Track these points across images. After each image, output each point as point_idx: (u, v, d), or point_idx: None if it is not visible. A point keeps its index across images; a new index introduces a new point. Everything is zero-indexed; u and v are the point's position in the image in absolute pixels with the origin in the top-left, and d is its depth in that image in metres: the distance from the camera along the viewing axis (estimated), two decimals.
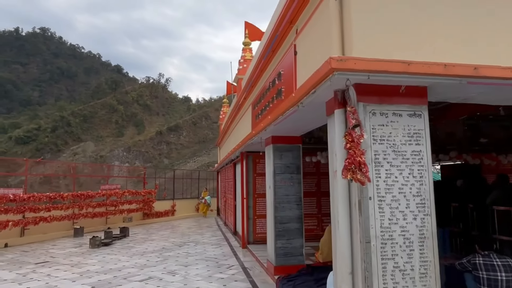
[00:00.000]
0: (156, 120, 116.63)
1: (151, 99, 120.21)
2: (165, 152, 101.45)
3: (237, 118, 12.41)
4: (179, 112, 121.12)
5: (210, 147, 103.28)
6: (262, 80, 7.98)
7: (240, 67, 12.24)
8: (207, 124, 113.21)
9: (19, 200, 11.39)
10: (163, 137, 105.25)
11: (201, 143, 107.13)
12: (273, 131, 6.69)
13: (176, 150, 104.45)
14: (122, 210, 15.53)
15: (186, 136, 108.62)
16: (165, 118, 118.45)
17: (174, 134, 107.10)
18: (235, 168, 12.62)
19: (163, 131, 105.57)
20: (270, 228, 7.10)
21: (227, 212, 14.42)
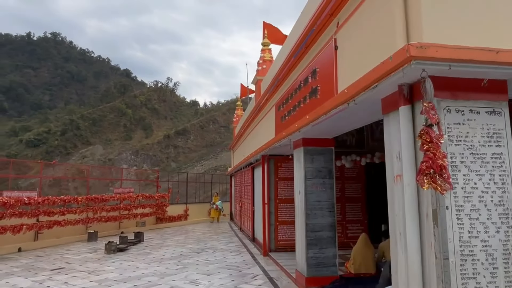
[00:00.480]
0: (164, 124, 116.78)
1: (159, 103, 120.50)
2: (172, 156, 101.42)
3: (256, 120, 11.98)
4: (187, 116, 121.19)
5: (217, 151, 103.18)
6: (289, 79, 7.55)
7: (259, 68, 11.82)
8: (214, 128, 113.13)
9: (33, 203, 11.04)
10: (171, 141, 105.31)
11: (208, 147, 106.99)
12: (304, 133, 6.24)
13: (183, 153, 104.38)
14: (136, 214, 15.14)
15: (194, 140, 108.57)
16: (173, 122, 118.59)
17: (181, 138, 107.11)
18: (253, 172, 12.17)
19: (170, 134, 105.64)
20: (301, 237, 6.63)
21: (244, 218, 13.96)
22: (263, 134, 10.42)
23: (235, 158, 19.34)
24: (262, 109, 10.76)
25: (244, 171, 13.97)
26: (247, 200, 12.98)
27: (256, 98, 12.11)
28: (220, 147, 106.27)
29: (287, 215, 9.74)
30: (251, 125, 13.07)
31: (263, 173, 9.91)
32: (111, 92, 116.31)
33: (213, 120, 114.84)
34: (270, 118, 9.50)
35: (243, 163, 13.63)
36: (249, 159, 11.79)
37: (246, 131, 14.50)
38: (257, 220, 11.51)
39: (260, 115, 11.24)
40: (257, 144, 11.07)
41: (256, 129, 11.93)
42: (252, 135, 12.67)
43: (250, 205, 12.34)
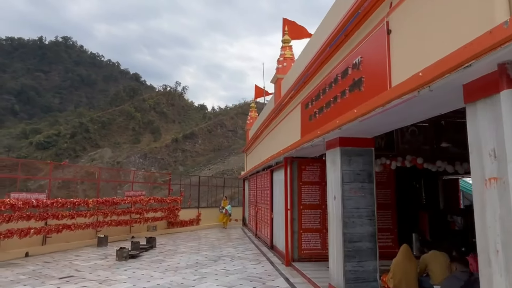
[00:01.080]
0: (172, 128, 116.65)
1: (167, 107, 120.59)
2: (180, 160, 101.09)
3: (275, 121, 11.32)
4: (195, 120, 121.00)
5: (225, 155, 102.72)
6: (321, 74, 6.88)
7: (279, 66, 11.18)
8: (222, 132, 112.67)
9: (42, 206, 10.45)
10: (179, 145, 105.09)
11: (216, 151, 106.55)
12: (342, 131, 5.56)
13: (191, 157, 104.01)
14: (147, 219, 14.50)
15: (202, 144, 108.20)
16: (181, 125, 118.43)
17: (189, 142, 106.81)
18: (272, 176, 11.48)
19: (178, 138, 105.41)
20: (336, 247, 5.91)
21: (260, 224, 13.24)
22: (285, 135, 9.74)
23: (249, 162, 18.65)
24: (283, 109, 10.10)
25: (261, 175, 13.28)
26: (265, 205, 12.28)
27: (275, 98, 11.46)
28: (227, 151, 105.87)
29: (311, 222, 9.02)
30: (269, 126, 12.40)
31: (286, 177, 9.21)
32: (120, 95, 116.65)
33: (221, 124, 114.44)
34: (294, 118, 8.83)
35: (260, 166, 12.95)
36: (268, 162, 11.11)
37: (262, 133, 13.84)
38: (276, 226, 10.80)
39: (280, 116, 10.57)
40: (278, 146, 10.39)
41: (275, 130, 11.26)
42: (271, 136, 12.00)
43: (268, 211, 11.63)
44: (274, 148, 11.02)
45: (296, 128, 8.42)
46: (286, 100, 9.48)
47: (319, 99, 6.73)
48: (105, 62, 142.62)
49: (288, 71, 10.95)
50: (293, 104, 9.01)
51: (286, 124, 9.70)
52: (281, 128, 10.39)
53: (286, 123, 9.79)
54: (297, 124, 8.39)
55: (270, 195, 11.38)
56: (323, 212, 9.09)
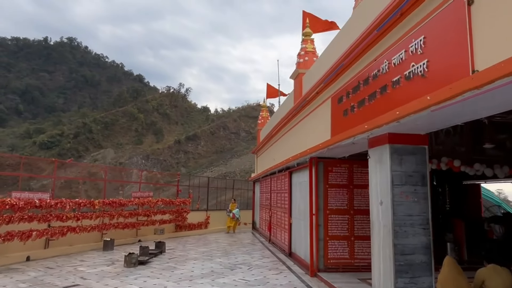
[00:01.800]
0: (175, 129, 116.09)
1: (170, 108, 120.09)
2: (182, 161, 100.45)
3: (295, 119, 10.52)
4: (198, 121, 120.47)
5: (227, 157, 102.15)
6: (360, 63, 6.09)
7: (300, 60, 10.39)
8: (225, 135, 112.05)
9: (45, 206, 9.64)
10: (181, 146, 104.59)
11: (218, 153, 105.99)
12: (391, 127, 4.77)
13: (193, 159, 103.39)
14: (155, 221, 13.67)
15: (204, 145, 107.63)
16: (183, 127, 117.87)
17: (192, 144, 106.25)
18: (291, 178, 10.66)
19: (181, 140, 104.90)
20: (383, 261, 5.08)
21: (276, 229, 12.39)
22: (309, 134, 8.94)
23: (260, 163, 17.83)
24: (306, 106, 9.30)
25: (276, 177, 12.45)
26: (282, 209, 11.45)
27: (295, 94, 10.67)
28: (230, 154, 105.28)
29: (338, 229, 8.19)
30: (287, 125, 11.60)
31: (311, 179, 8.39)
32: (123, 96, 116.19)
33: (223, 127, 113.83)
34: (321, 114, 8.03)
35: (275, 168, 12.14)
36: (287, 163, 10.30)
37: (278, 133, 13.03)
38: (296, 232, 9.98)
39: (302, 113, 9.78)
40: (299, 146, 9.60)
41: (296, 129, 10.45)
42: (290, 136, 11.19)
43: (286, 215, 10.80)
44: (295, 148, 10.22)
45: (325, 125, 7.62)
46: (311, 96, 8.68)
47: (358, 91, 5.93)
48: (109, 63, 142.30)
49: (310, 65, 10.17)
50: (320, 99, 8.22)
51: (311, 122, 8.90)
52: (304, 126, 9.59)
53: (310, 121, 8.99)
54: (325, 121, 7.59)
55: (289, 198, 10.56)
56: (351, 217, 8.27)
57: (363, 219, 8.28)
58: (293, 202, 10.33)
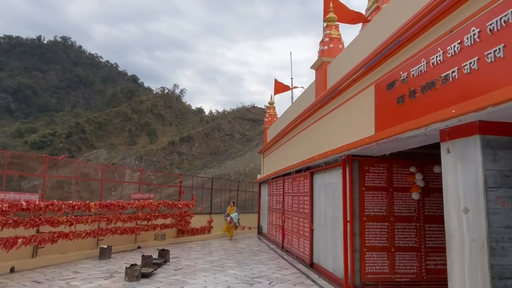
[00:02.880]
0: (169, 130, 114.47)
1: (165, 109, 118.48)
2: (176, 162, 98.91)
3: (319, 112, 9.33)
4: (192, 123, 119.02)
5: (221, 159, 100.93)
6: (426, 37, 4.92)
7: (324, 47, 9.23)
8: (219, 136, 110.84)
9: (33, 209, 8.29)
10: (175, 147, 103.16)
11: (212, 154, 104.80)
12: (484, 114, 3.61)
13: (187, 160, 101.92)
14: (156, 226, 12.33)
15: (198, 147, 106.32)
16: (177, 128, 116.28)
17: (186, 145, 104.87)
18: (312, 179, 9.44)
19: (175, 141, 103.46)
20: (476, 285, 3.89)
21: (291, 236, 11.13)
22: (340, 128, 7.76)
23: (267, 164, 16.60)
24: (336, 97, 8.12)
25: (292, 178, 11.22)
26: (300, 214, 10.21)
27: (317, 86, 9.49)
28: (224, 155, 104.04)
29: (377, 239, 6.99)
30: (305, 121, 10.41)
31: (345, 180, 7.19)
32: (117, 97, 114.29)
33: (218, 128, 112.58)
34: (359, 105, 6.86)
35: (291, 169, 10.92)
36: (309, 163, 9.09)
37: (292, 130, 11.83)
38: (319, 241, 8.75)
39: (329, 106, 8.60)
40: (324, 143, 8.42)
41: (320, 124, 9.25)
42: (310, 132, 10.00)
43: (306, 221, 9.57)
44: (318, 145, 9.03)
45: (365, 116, 6.45)
46: (344, 86, 7.51)
47: (422, 72, 4.75)
48: (103, 63, 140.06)
49: (336, 53, 9.02)
50: (357, 88, 7.04)
51: (343, 115, 7.72)
52: (331, 121, 8.41)
53: (341, 114, 7.80)
54: (366, 112, 6.42)
55: (310, 202, 9.34)
56: (391, 225, 7.08)
57: (404, 227, 7.11)
58: (315, 207, 9.12)
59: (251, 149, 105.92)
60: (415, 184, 7.05)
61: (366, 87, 6.60)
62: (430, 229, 7.19)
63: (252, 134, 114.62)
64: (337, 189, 7.72)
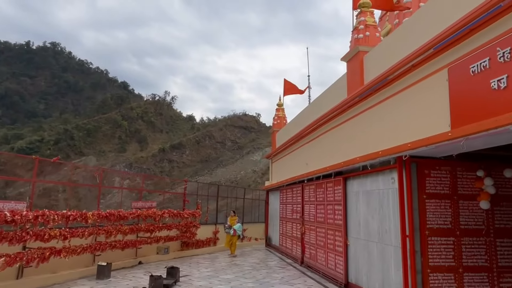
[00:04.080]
0: (159, 137, 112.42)
1: (155, 116, 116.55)
2: (166, 170, 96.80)
3: (354, 109, 8.10)
4: (183, 130, 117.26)
5: (212, 167, 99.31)
6: None
7: (358, 36, 8.06)
8: (210, 144, 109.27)
9: (20, 221, 6.81)
10: (166, 155, 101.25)
11: (203, 162, 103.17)
12: None
13: (178, 168, 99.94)
14: (159, 238, 10.87)
15: (189, 154, 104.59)
16: (168, 135, 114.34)
17: (176, 152, 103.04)
18: (345, 186, 8.18)
19: (166, 148, 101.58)
20: None
21: (316, 250, 9.74)
22: (390, 124, 6.54)
23: (277, 170, 15.25)
24: (381, 89, 6.91)
25: (316, 185, 9.90)
26: (330, 226, 8.88)
27: (351, 79, 8.28)
28: (215, 163, 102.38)
29: (442, 257, 5.73)
30: (334, 119, 9.17)
31: (401, 186, 5.94)
32: (107, 103, 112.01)
33: (209, 136, 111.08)
34: (422, 95, 5.65)
35: (313, 174, 9.65)
36: (343, 167, 7.83)
37: (315, 131, 10.58)
38: (357, 257, 7.46)
39: (370, 100, 7.38)
40: (363, 143, 7.20)
41: (357, 122, 8.00)
42: (342, 131, 8.73)
43: (339, 234, 8.26)
44: (352, 147, 7.79)
45: (430, 108, 5.26)
46: (394, 76, 6.31)
47: None
48: (93, 69, 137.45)
49: (374, 42, 7.88)
50: (415, 76, 5.84)
51: (392, 109, 6.50)
52: (374, 117, 7.18)
53: (390, 108, 6.59)
54: (433, 102, 5.22)
55: (343, 212, 8.05)
56: (457, 241, 5.85)
57: (472, 242, 5.87)
58: (351, 218, 7.84)
59: (242, 156, 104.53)
60: (484, 191, 5.83)
61: (433, 72, 5.40)
62: (502, 245, 5.97)
63: (244, 141, 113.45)
64: (386, 197, 6.48)
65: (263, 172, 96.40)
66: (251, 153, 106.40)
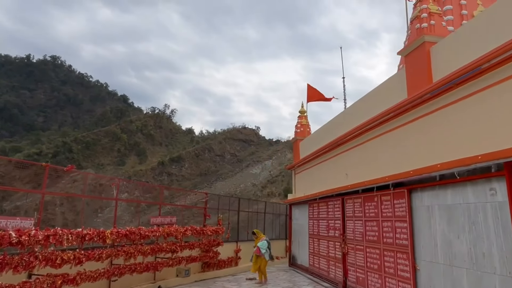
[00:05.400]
0: (158, 151, 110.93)
1: (155, 129, 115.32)
2: (165, 183, 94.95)
3: (421, 109, 6.90)
4: (182, 143, 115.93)
5: (211, 180, 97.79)
6: None
7: (422, 25, 6.93)
8: (209, 157, 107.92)
9: (28, 242, 5.46)
10: (165, 168, 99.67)
11: (202, 175, 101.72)
12: None
13: (177, 181, 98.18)
14: (181, 259, 9.47)
15: (188, 168, 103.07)
16: (168, 148, 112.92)
17: (176, 166, 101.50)
18: (410, 200, 6.90)
19: (165, 161, 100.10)
20: None
21: (366, 273, 8.34)
22: (489, 123, 5.33)
23: (301, 182, 13.94)
24: (463, 84, 5.73)
25: (367, 198, 8.59)
26: (387, 246, 7.54)
27: (416, 75, 7.10)
28: (214, 176, 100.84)
29: None
30: (387, 123, 7.96)
31: None
32: (107, 116, 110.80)
33: (208, 149, 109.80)
34: None
35: (361, 186, 8.38)
36: (406, 177, 6.58)
37: (358, 137, 9.36)
38: (431, 285, 6.13)
39: (444, 98, 6.19)
40: (437, 148, 5.98)
41: (426, 123, 6.79)
42: (401, 135, 7.51)
43: (403, 257, 6.92)
44: (418, 154, 6.57)
45: None
46: (487, 66, 5.15)
47: None
48: (93, 82, 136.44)
49: (441, 31, 6.83)
50: None
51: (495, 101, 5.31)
52: (453, 117, 5.98)
53: (492, 100, 5.39)
54: None
55: (410, 231, 6.76)
56: None
57: None
58: (421, 237, 6.54)
59: (242, 170, 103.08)
60: None
61: None
62: None
63: (243, 155, 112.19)
64: (482, 213, 5.21)
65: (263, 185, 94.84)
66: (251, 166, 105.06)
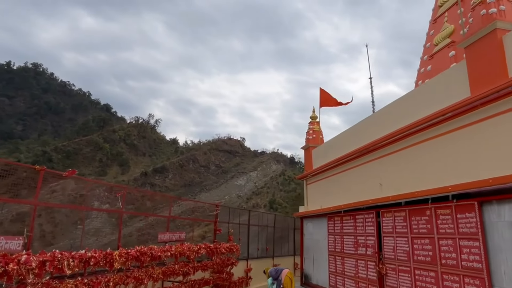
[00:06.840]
0: (142, 161, 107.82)
1: (138, 139, 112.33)
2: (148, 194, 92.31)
3: (491, 107, 5.85)
4: (166, 153, 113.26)
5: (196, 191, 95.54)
6: None
7: (491, 10, 5.96)
8: (194, 168, 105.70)
9: (17, 272, 4.01)
10: (148, 179, 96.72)
11: (186, 186, 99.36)
12: None
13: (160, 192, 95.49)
14: (193, 282, 8.02)
15: (172, 178, 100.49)
16: (151, 159, 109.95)
17: (159, 176, 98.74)
18: (481, 213, 5.78)
19: (148, 172, 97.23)
20: None
21: None
22: None
23: (314, 193, 12.69)
24: None
25: (413, 211, 7.44)
26: (450, 269, 6.30)
27: (481, 69, 6.09)
28: (199, 187, 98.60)
29: None
30: (443, 124, 6.89)
31: None
32: (89, 125, 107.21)
33: (193, 159, 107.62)
34: None
35: (402, 198, 7.24)
36: (497, 185, 5.48)
37: (397, 142, 8.25)
38: None
39: None
40: None
41: (493, 125, 5.73)
42: (460, 139, 6.42)
43: (477, 283, 5.74)
44: (491, 157, 5.49)
45: None
46: None
47: None
48: (75, 91, 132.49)
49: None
50: None
51: None
52: None
53: None
54: None
55: (484, 252, 5.62)
56: None
57: None
58: (499, 259, 5.40)
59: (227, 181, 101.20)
60: None
61: None
62: None
63: (228, 166, 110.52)
64: None
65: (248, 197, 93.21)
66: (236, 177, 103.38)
